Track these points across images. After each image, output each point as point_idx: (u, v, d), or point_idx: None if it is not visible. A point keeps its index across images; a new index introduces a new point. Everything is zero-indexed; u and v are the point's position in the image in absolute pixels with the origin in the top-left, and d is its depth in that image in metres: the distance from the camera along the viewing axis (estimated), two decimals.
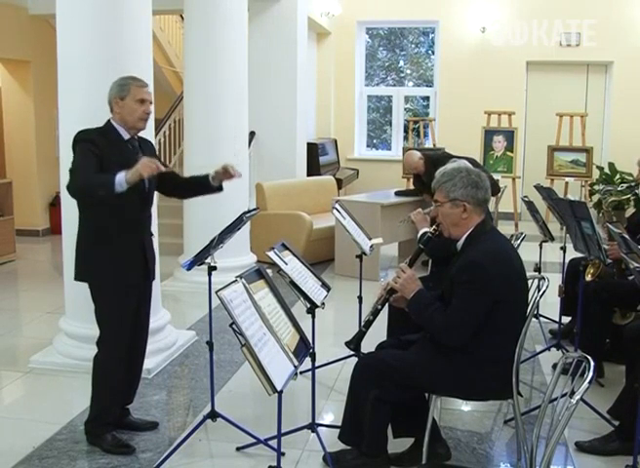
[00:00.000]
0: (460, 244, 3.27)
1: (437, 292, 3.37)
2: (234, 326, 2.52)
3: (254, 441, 3.67)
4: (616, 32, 11.32)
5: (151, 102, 3.63)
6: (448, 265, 3.32)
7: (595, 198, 10.78)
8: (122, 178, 3.18)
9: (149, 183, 3.64)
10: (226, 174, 3.72)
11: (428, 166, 7.27)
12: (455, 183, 3.20)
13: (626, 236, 3.58)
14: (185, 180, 4.10)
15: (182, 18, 8.20)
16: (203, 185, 3.85)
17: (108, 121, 3.59)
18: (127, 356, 3.72)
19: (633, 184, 9.59)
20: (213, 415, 3.82)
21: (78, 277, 3.68)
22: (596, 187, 10.88)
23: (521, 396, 3.33)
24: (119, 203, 3.39)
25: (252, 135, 9.04)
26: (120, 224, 3.57)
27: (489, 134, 10.89)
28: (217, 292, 2.54)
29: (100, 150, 3.41)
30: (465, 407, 4.28)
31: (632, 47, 11.29)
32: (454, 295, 3.12)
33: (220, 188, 3.84)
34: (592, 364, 2.27)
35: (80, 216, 3.63)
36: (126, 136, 3.59)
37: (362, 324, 3.58)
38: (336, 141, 12.09)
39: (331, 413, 4.17)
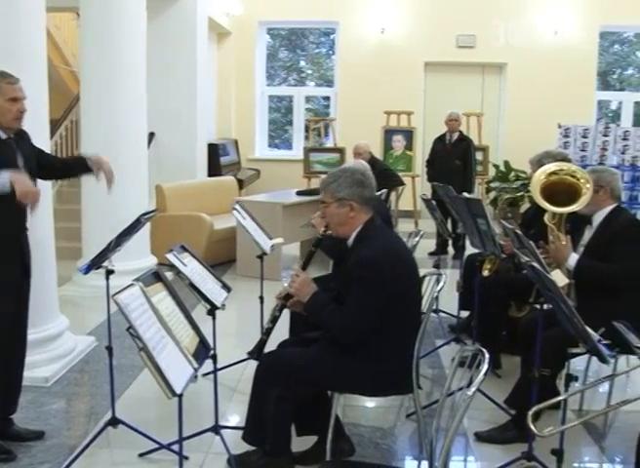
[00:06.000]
0: (350, 242, 3.32)
1: (335, 292, 3.41)
2: (131, 330, 2.48)
3: (156, 446, 3.62)
4: (509, 35, 11.71)
5: (25, 98, 3.46)
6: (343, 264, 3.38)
7: (492, 195, 11.12)
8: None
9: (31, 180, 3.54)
10: (99, 169, 3.81)
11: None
12: (340, 184, 3.26)
13: (519, 232, 3.71)
14: (63, 163, 4.15)
15: (79, 15, 7.99)
16: (80, 168, 3.92)
17: None
18: (5, 363, 3.60)
19: (527, 182, 9.93)
20: (114, 422, 3.74)
21: None
22: (492, 185, 11.22)
23: (421, 389, 3.39)
24: None
25: (151, 135, 8.90)
26: None
27: (388, 133, 11.03)
28: (113, 297, 2.49)
29: None
30: (369, 403, 4.33)
31: (524, 49, 11.68)
32: (349, 293, 3.17)
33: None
34: (487, 356, 2.34)
35: None
36: (3, 136, 3.44)
37: (263, 331, 3.59)
38: (236, 142, 12.03)
39: (235, 415, 4.15)
